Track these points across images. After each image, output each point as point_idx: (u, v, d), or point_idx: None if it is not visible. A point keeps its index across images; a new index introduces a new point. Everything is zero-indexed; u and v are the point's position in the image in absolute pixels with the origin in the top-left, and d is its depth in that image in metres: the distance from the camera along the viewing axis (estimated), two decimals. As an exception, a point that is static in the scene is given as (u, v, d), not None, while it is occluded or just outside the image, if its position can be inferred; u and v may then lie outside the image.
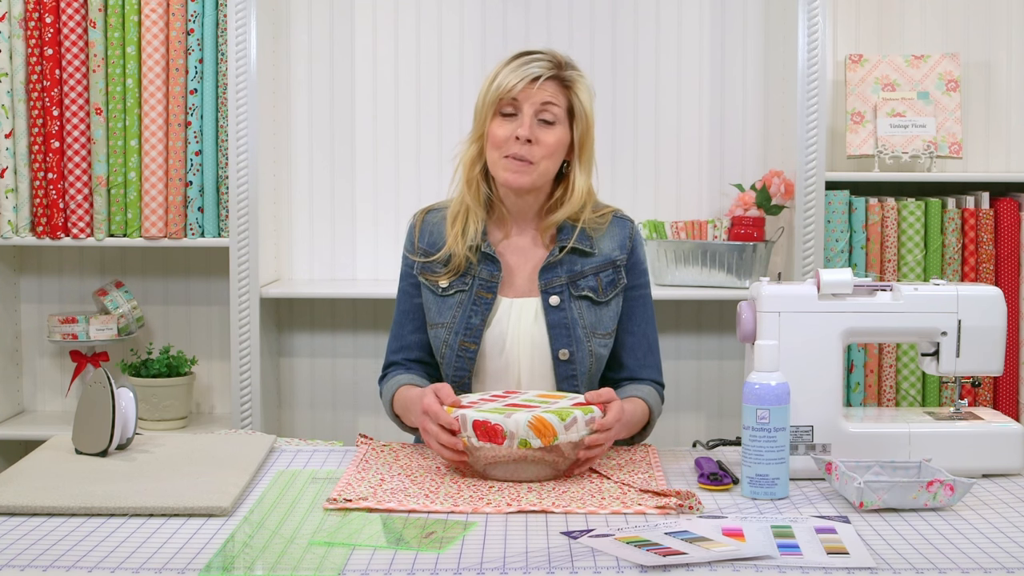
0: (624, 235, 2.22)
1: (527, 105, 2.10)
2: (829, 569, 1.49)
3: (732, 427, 3.20)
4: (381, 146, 3.27)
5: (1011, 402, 3.05)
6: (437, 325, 2.18)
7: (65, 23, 2.99)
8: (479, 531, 1.64)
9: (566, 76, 2.13)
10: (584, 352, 2.15)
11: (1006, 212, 3.04)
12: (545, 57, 2.13)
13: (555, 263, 2.17)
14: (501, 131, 2.12)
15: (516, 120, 2.11)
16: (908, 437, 1.93)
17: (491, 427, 1.83)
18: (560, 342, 2.14)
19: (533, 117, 2.10)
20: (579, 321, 2.15)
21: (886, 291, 1.97)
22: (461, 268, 2.17)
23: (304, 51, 3.26)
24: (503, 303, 2.17)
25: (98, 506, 1.71)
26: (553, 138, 2.12)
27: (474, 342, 2.14)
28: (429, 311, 2.20)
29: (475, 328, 2.14)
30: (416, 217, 2.27)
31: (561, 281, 2.16)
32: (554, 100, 2.11)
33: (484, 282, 2.16)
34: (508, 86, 2.09)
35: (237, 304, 3.01)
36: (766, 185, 3.05)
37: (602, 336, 2.17)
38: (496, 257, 2.17)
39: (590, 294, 2.16)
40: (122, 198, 3.05)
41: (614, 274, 2.19)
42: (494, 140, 2.12)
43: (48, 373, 3.31)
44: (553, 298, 2.15)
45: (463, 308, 2.16)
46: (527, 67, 2.10)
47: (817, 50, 2.96)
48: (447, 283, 2.18)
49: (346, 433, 3.30)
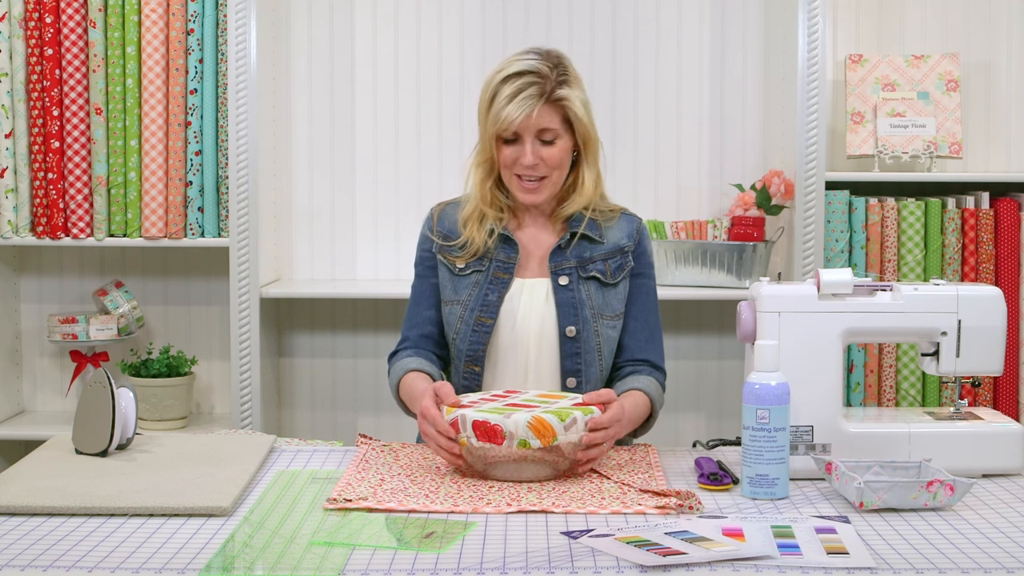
0: (632, 227, 2.29)
1: (526, 134, 2.17)
2: (829, 569, 1.49)
3: (732, 427, 3.20)
4: (381, 146, 3.27)
5: (1011, 402, 3.05)
6: (452, 302, 2.24)
7: (65, 23, 2.99)
8: (479, 531, 1.64)
9: (556, 96, 2.16)
10: (590, 331, 2.19)
11: (1006, 212, 3.04)
12: (534, 79, 2.15)
13: (565, 247, 2.24)
14: (508, 156, 2.20)
15: (519, 146, 2.19)
16: (908, 437, 1.93)
17: (491, 427, 1.83)
18: (567, 320, 2.19)
19: (534, 142, 2.18)
20: (587, 302, 2.21)
21: (886, 291, 1.97)
22: (479, 253, 2.24)
23: (304, 51, 3.26)
24: (515, 283, 2.23)
25: (98, 506, 1.71)
26: (557, 152, 2.19)
27: (490, 317, 2.20)
28: (444, 288, 2.26)
29: (492, 304, 2.20)
30: (433, 209, 2.34)
31: (570, 264, 2.23)
32: (550, 124, 2.17)
33: (501, 263, 2.23)
34: (507, 122, 2.15)
35: (237, 304, 3.01)
36: (766, 185, 3.05)
37: (610, 318, 2.22)
38: (514, 239, 2.24)
39: (598, 275, 2.22)
40: (122, 198, 3.04)
41: (622, 259, 2.25)
42: (504, 163, 2.21)
43: (48, 373, 3.31)
44: (562, 278, 2.21)
45: (479, 287, 2.22)
46: (521, 100, 2.14)
47: (817, 50, 2.96)
48: (464, 264, 2.24)
49: (346, 433, 3.30)
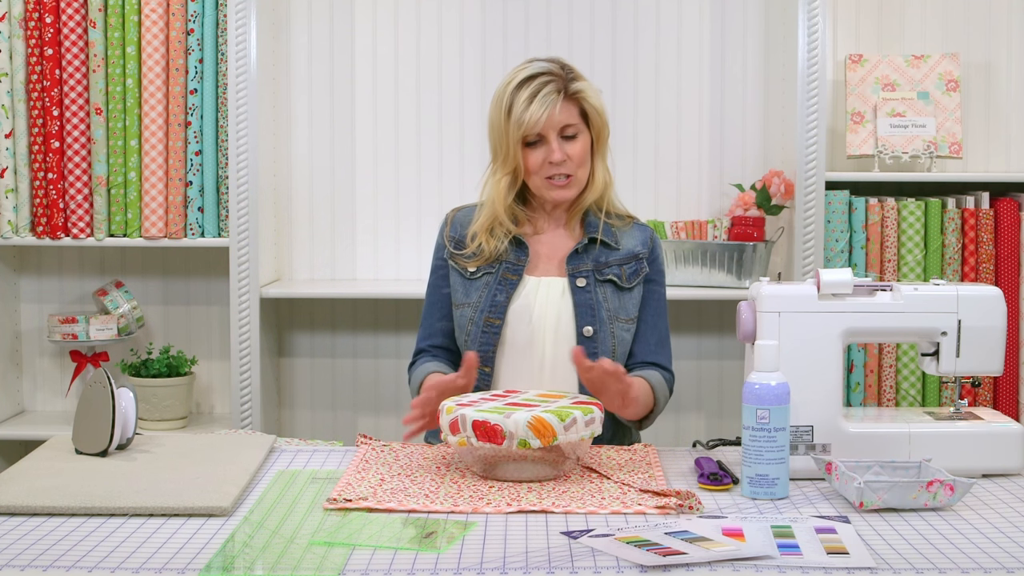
0: (646, 236, 2.33)
1: (551, 132, 2.20)
2: (829, 569, 1.49)
3: (732, 427, 3.20)
4: (381, 146, 3.27)
5: (1011, 402, 3.05)
6: (463, 305, 2.26)
7: (65, 23, 2.99)
8: (479, 531, 1.64)
9: (572, 89, 2.21)
10: (606, 333, 2.21)
11: (1006, 212, 3.04)
12: (549, 78, 2.21)
13: (582, 252, 2.26)
14: (535, 160, 2.22)
15: (543, 146, 2.21)
16: (908, 437, 1.93)
17: (491, 427, 1.83)
18: (585, 319, 2.21)
19: (559, 139, 2.21)
20: (603, 304, 2.23)
21: (886, 291, 1.97)
22: (491, 258, 2.26)
23: (304, 51, 3.26)
24: (530, 281, 2.26)
25: (98, 506, 1.71)
26: (580, 148, 2.23)
27: (498, 317, 2.21)
28: (456, 292, 2.28)
29: (500, 305, 2.22)
30: (448, 214, 2.37)
31: (587, 267, 2.26)
32: (571, 119, 2.21)
33: (511, 265, 2.26)
34: (532, 122, 2.18)
35: (237, 304, 3.01)
36: (766, 185, 3.05)
37: (624, 321, 2.25)
38: (525, 243, 2.27)
39: (614, 279, 2.25)
40: (122, 198, 3.04)
41: (637, 265, 2.28)
42: (532, 168, 2.23)
43: (48, 373, 3.31)
44: (580, 280, 2.24)
45: (489, 288, 2.24)
46: (541, 98, 2.19)
47: (817, 50, 2.96)
48: (475, 267, 2.26)
49: (346, 433, 3.30)
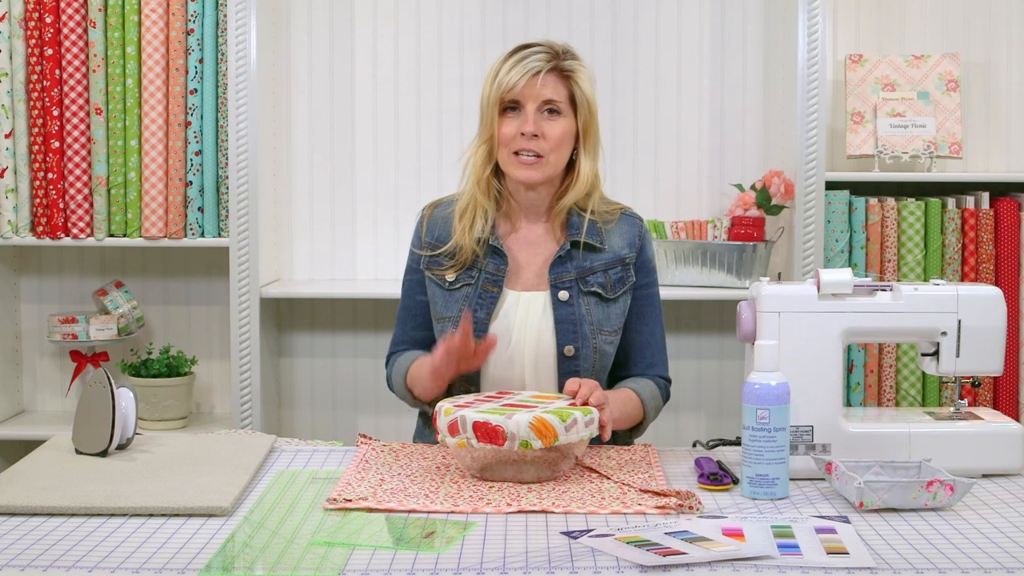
0: (633, 233, 2.23)
1: (530, 101, 2.12)
2: (829, 569, 1.49)
3: (732, 427, 3.20)
4: (381, 146, 3.27)
5: (1011, 402, 3.05)
6: (444, 319, 2.19)
7: (65, 23, 2.99)
8: (479, 531, 1.64)
9: (565, 67, 2.14)
10: (589, 349, 2.16)
11: (1006, 212, 3.04)
12: (543, 49, 2.15)
13: (565, 257, 2.18)
14: (508, 129, 2.14)
15: (521, 115, 2.13)
16: (908, 437, 1.93)
17: (492, 428, 1.82)
18: (566, 338, 2.14)
19: (537, 111, 2.12)
20: (586, 317, 2.16)
21: (886, 291, 1.97)
22: (468, 262, 2.19)
23: (304, 51, 3.26)
24: (510, 296, 2.18)
25: (98, 506, 1.71)
26: (559, 130, 2.13)
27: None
28: (436, 305, 2.21)
29: (480, 322, 2.15)
30: (424, 211, 2.28)
31: (571, 276, 2.17)
32: (555, 95, 2.13)
33: (490, 275, 2.17)
34: (509, 84, 2.11)
35: (237, 304, 3.01)
36: (766, 185, 3.05)
37: (608, 333, 2.18)
38: (503, 251, 2.18)
39: (599, 290, 2.17)
40: (122, 198, 3.04)
41: (623, 272, 2.20)
42: (503, 139, 2.14)
43: (48, 373, 3.31)
44: (562, 293, 2.16)
45: (469, 302, 2.17)
46: (526, 62, 2.12)
47: (817, 50, 2.96)
48: (453, 277, 2.19)
49: (346, 433, 3.30)
